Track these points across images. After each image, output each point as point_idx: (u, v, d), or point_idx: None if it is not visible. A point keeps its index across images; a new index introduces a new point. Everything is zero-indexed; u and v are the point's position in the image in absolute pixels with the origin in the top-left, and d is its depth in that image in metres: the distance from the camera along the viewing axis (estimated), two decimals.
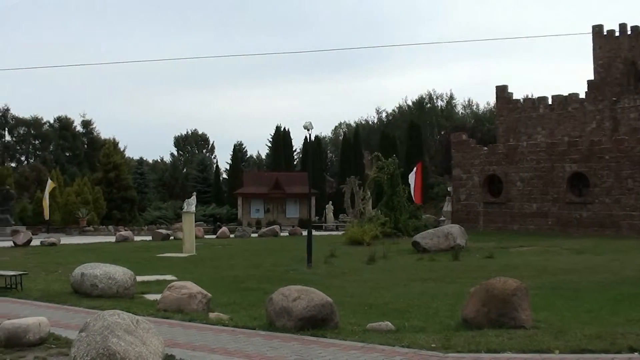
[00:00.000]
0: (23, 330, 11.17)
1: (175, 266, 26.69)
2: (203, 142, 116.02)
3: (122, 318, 9.27)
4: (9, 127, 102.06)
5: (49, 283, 21.09)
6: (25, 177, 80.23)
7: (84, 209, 61.09)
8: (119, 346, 8.72)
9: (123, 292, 17.25)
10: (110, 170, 69.68)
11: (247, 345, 11.18)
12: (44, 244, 39.83)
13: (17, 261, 29.48)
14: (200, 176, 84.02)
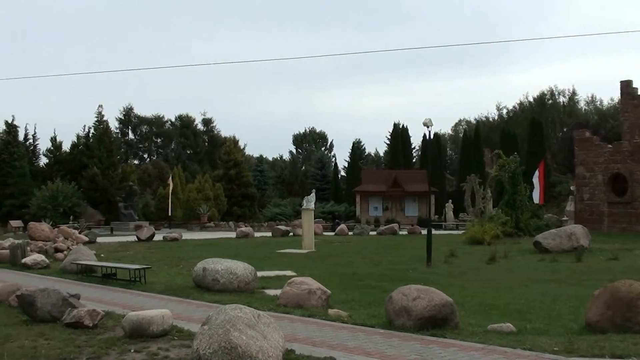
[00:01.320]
0: (147, 322, 11.43)
1: (294, 262, 26.89)
2: (321, 140, 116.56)
3: (244, 312, 9.37)
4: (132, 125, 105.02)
5: (171, 277, 21.60)
6: (148, 174, 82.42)
7: (205, 205, 62.32)
8: (240, 340, 8.82)
9: (244, 287, 17.48)
10: (230, 167, 70.88)
11: (367, 342, 11.14)
12: (166, 239, 40.80)
13: (141, 255, 30.34)
14: (319, 173, 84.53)
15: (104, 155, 67.46)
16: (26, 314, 13.51)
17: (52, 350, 10.72)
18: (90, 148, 69.14)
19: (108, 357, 10.31)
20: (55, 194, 59.72)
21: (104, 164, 66.87)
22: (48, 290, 13.49)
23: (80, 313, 12.49)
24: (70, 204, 59.99)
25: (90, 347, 10.92)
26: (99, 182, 65.38)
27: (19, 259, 25.76)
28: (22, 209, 62.52)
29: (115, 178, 66.75)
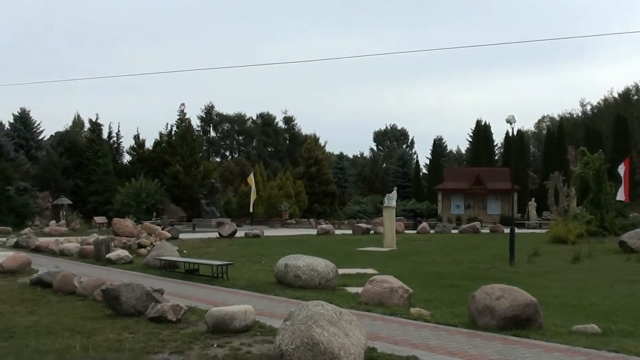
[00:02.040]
0: (230, 317, 11.50)
1: (375, 260, 26.78)
2: (402, 137, 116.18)
3: (326, 309, 9.34)
4: (213, 123, 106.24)
5: (253, 273, 21.73)
6: (230, 172, 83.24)
7: (286, 203, 62.65)
8: (322, 336, 8.78)
9: (325, 283, 17.46)
10: (311, 165, 71.13)
11: (449, 342, 11.00)
12: (248, 235, 41.10)
13: (223, 252, 30.60)
14: (400, 171, 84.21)
15: (187, 153, 68.41)
16: (111, 308, 13.74)
17: (136, 344, 10.86)
18: (173, 146, 70.20)
19: (191, 351, 10.39)
20: (138, 191, 60.82)
21: (186, 161, 67.82)
22: (132, 284, 13.68)
23: (163, 308, 12.64)
24: (153, 200, 61.00)
25: (173, 341, 11.04)
26: (181, 179, 66.34)
27: (103, 254, 26.27)
28: (106, 205, 63.87)
29: (198, 175, 67.63)
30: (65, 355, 10.24)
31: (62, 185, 67.62)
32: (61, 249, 30.34)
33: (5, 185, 59.69)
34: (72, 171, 68.69)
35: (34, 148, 73.46)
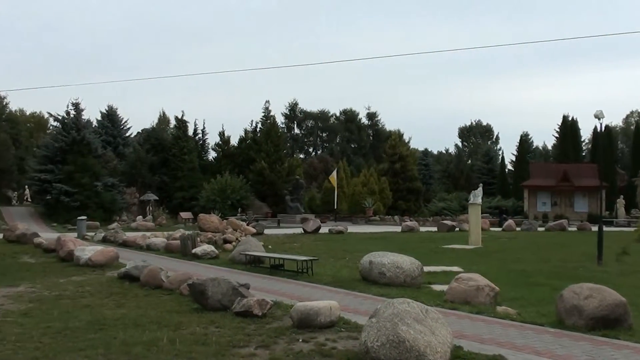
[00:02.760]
0: (315, 312, 11.52)
1: (461, 258, 26.51)
2: (487, 133, 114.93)
3: (412, 307, 9.29)
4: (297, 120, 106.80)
5: (337, 269, 21.73)
6: (314, 168, 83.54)
7: (370, 199, 62.56)
8: (408, 334, 8.74)
9: (410, 281, 17.37)
10: (395, 161, 70.84)
11: (536, 341, 10.84)
12: (331, 231, 41.16)
13: (307, 247, 30.72)
14: (485, 167, 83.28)
15: (271, 149, 68.91)
16: (197, 302, 13.90)
17: (222, 338, 10.98)
18: (258, 142, 70.80)
19: (277, 346, 10.46)
20: (223, 187, 61.52)
21: (271, 158, 68.31)
22: (218, 279, 13.82)
23: (249, 302, 12.73)
24: (239, 196, 61.62)
25: (259, 335, 11.13)
26: (266, 175, 66.85)
27: (189, 249, 26.61)
28: (191, 201, 64.79)
29: (282, 172, 68.05)
30: (152, 347, 10.43)
31: (149, 181, 68.81)
32: (148, 244, 30.88)
33: (94, 181, 60.98)
34: (158, 167, 69.81)
35: (121, 145, 74.94)
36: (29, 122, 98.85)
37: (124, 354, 10.08)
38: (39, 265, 25.01)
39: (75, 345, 10.73)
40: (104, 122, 76.61)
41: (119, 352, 10.19)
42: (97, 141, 66.47)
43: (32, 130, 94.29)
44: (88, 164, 61.84)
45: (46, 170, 62.41)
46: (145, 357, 9.91)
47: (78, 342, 11.00)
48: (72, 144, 62.50)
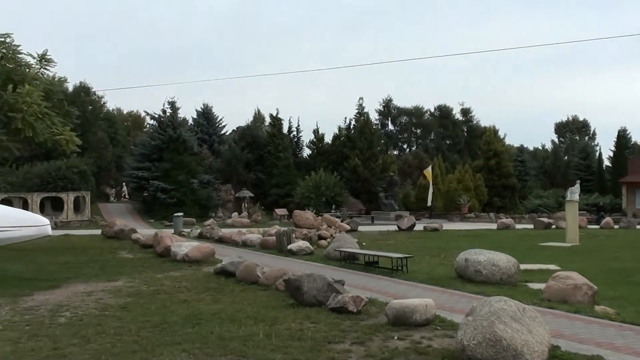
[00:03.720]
0: (410, 310, 11.48)
1: (557, 255, 25.98)
2: (584, 129, 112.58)
3: (509, 305, 9.17)
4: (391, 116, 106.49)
5: (432, 267, 21.58)
6: (408, 164, 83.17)
7: (465, 196, 61.91)
8: (505, 332, 8.64)
9: (506, 279, 17.12)
10: (490, 157, 69.91)
11: (635, 342, 10.60)
12: (426, 229, 40.88)
13: (402, 244, 30.60)
14: (582, 164, 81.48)
15: (365, 146, 68.85)
16: (292, 298, 14.00)
17: (318, 333, 11.04)
18: (352, 139, 70.85)
19: (372, 342, 10.46)
20: (318, 183, 61.77)
21: (365, 154, 68.28)
22: (314, 275, 13.88)
23: (344, 299, 12.76)
24: (333, 193, 61.78)
25: (354, 332, 11.15)
26: (360, 172, 66.86)
27: (285, 245, 26.82)
28: (286, 197, 65.27)
29: (376, 168, 67.95)
30: (248, 342, 10.54)
31: (244, 178, 69.62)
32: (244, 240, 31.23)
33: (190, 178, 62.04)
34: (253, 165, 70.56)
35: (217, 142, 75.98)
36: (126, 120, 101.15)
37: (220, 349, 10.23)
38: (136, 260, 25.60)
39: (172, 339, 10.94)
40: (200, 120, 77.86)
41: (216, 347, 10.34)
42: (193, 139, 67.57)
43: (130, 129, 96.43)
44: (184, 161, 62.98)
45: (143, 167, 63.82)
46: (242, 351, 10.03)
47: (175, 336, 11.21)
48: (168, 141, 63.74)
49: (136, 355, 9.97)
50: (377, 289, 16.42)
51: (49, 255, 27.53)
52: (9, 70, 29.61)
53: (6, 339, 11.39)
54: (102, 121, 77.39)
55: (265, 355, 9.74)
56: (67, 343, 10.96)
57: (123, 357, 9.89)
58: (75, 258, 26.53)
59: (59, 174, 56.74)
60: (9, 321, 13.11)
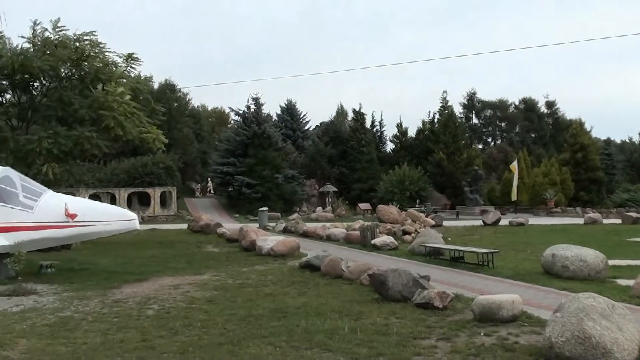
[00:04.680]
0: (497, 306, 11.37)
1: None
2: None
3: (598, 302, 9.00)
4: (475, 110, 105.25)
5: (518, 262, 21.29)
6: (493, 158, 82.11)
7: (552, 190, 60.93)
8: (594, 330, 8.50)
9: (594, 275, 16.81)
10: (577, 151, 68.63)
11: None
12: (512, 223, 40.39)
13: (487, 240, 30.30)
14: None
15: (449, 140, 68.30)
16: (377, 293, 14.01)
17: (403, 329, 11.02)
18: (436, 133, 70.36)
19: (458, 339, 10.40)
20: (402, 178, 61.53)
21: (449, 148, 67.75)
22: (399, 270, 13.86)
23: (430, 294, 12.71)
24: (417, 188, 61.46)
25: (440, 328, 11.11)
26: (444, 166, 66.37)
27: (369, 240, 26.82)
28: (370, 192, 65.19)
29: (461, 163, 67.32)
30: (334, 336, 10.60)
31: (328, 173, 69.82)
32: (328, 234, 31.34)
33: (274, 173, 62.58)
34: (337, 159, 70.67)
35: (301, 138, 76.39)
36: (211, 117, 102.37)
37: (306, 342, 10.31)
38: (222, 254, 25.96)
39: (258, 332, 11.07)
40: (284, 115, 78.38)
41: (302, 340, 10.42)
42: (277, 134, 68.06)
43: (214, 125, 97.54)
44: (269, 156, 63.55)
45: (228, 163, 64.59)
46: (327, 345, 10.09)
47: (261, 329, 11.34)
48: (252, 137, 64.39)
49: (223, 348, 10.12)
50: (463, 285, 16.32)
51: (136, 249, 28.15)
52: (96, 69, 30.34)
53: (96, 330, 11.72)
54: (187, 118, 78.54)
55: (350, 350, 9.78)
56: (155, 335, 11.21)
57: (210, 350, 10.05)
58: (162, 252, 27.07)
59: (145, 169, 57.86)
60: (98, 313, 13.48)
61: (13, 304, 14.95)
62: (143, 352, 10.08)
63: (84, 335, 11.40)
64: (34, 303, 14.99)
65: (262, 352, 9.79)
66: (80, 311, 13.76)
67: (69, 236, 20.33)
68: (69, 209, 19.19)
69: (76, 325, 12.30)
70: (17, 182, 20.21)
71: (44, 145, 27.92)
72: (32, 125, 31.36)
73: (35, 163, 29.65)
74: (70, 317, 13.15)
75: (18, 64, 28.13)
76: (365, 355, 9.51)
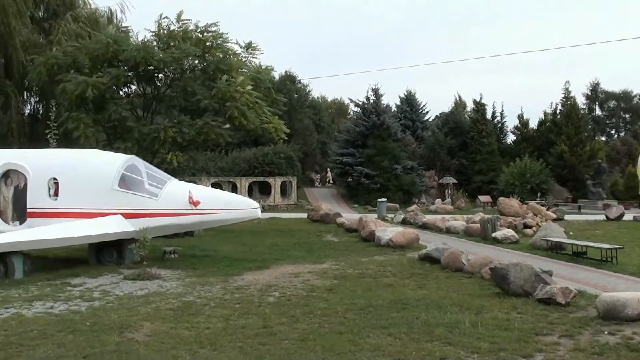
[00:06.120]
0: (621, 304, 11.08)
1: None
2: None
3: None
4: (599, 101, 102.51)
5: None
6: (616, 151, 79.81)
7: None
8: None
9: None
10: None
11: None
12: (636, 219, 39.14)
13: (610, 235, 29.46)
14: None
15: (572, 132, 66.70)
16: (498, 287, 13.83)
17: (525, 324, 10.88)
18: (558, 125, 68.81)
19: (581, 336, 10.19)
20: (522, 170, 60.47)
21: (571, 140, 66.17)
22: (521, 264, 13.65)
23: (552, 290, 12.48)
24: (538, 180, 60.31)
25: (562, 324, 10.91)
26: (566, 159, 64.87)
27: (489, 233, 26.47)
28: (490, 184, 64.33)
29: (583, 155, 65.66)
30: (454, 329, 10.56)
31: (447, 164, 69.25)
32: (447, 227, 31.07)
33: (393, 164, 62.50)
34: (456, 151, 70.01)
35: (420, 129, 75.92)
36: (331, 107, 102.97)
37: (426, 334, 10.30)
38: (341, 244, 26.11)
39: (378, 323, 11.11)
40: (403, 106, 78.01)
41: (422, 332, 10.41)
42: (396, 125, 67.95)
43: (334, 116, 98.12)
44: (388, 147, 63.49)
45: (347, 153, 64.88)
46: (448, 338, 10.05)
47: (381, 320, 11.38)
48: (372, 128, 64.46)
49: (343, 337, 10.21)
50: (586, 281, 15.97)
51: (257, 237, 28.62)
52: (218, 60, 30.97)
53: (218, 316, 12.00)
54: (307, 109, 79.13)
55: (471, 344, 9.71)
56: (276, 322, 11.41)
57: (330, 338, 10.15)
58: (282, 240, 27.43)
59: (266, 159, 58.59)
60: (221, 299, 13.79)
61: (138, 287, 15.50)
62: (264, 338, 10.28)
63: (207, 320, 11.70)
64: (158, 287, 15.49)
65: (382, 343, 9.83)
66: (203, 296, 14.13)
67: (193, 223, 20.85)
68: (192, 197, 19.65)
69: (199, 310, 12.64)
70: (143, 170, 20.90)
71: (169, 134, 28.73)
72: (156, 116, 32.33)
73: (160, 152, 30.48)
74: (193, 302, 13.52)
75: (140, 57, 29.03)
76: (487, 350, 9.43)
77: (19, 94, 35.86)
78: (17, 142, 32.63)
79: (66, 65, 30.08)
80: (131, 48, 29.50)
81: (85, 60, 29.99)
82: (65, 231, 18.82)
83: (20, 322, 11.71)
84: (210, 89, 29.81)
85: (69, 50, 30.32)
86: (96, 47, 29.87)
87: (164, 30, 31.42)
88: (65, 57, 30.06)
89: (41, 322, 11.68)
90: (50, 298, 14.10)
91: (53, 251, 21.58)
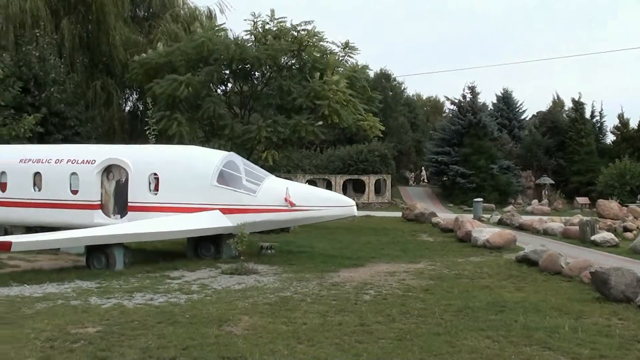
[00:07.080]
0: None
1: None
2: None
3: None
4: None
5: None
6: None
7: None
8: None
9: None
10: None
11: None
12: None
13: None
14: None
15: None
16: (598, 292, 13.55)
17: (626, 331, 10.66)
18: None
19: None
20: (622, 172, 59.08)
21: None
22: (622, 269, 13.36)
23: None
24: (638, 182, 58.85)
25: None
26: None
27: (588, 235, 25.94)
28: (588, 186, 63.07)
29: None
30: (554, 334, 10.40)
31: (545, 164, 68.24)
32: (544, 228, 30.57)
33: (489, 163, 61.91)
34: (554, 151, 68.94)
35: (517, 127, 74.92)
36: (426, 105, 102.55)
37: (524, 338, 10.18)
38: (437, 244, 25.98)
39: (475, 325, 11.03)
40: (500, 105, 77.08)
41: (520, 336, 10.30)
42: (492, 124, 67.30)
43: (429, 114, 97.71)
44: (484, 146, 62.95)
45: (443, 152, 64.62)
46: (547, 343, 9.91)
47: (478, 322, 11.29)
48: (468, 126, 64.04)
49: (440, 338, 10.17)
50: None
51: (351, 235, 28.74)
52: (314, 59, 31.19)
53: (315, 312, 12.10)
54: (402, 106, 78.95)
55: (571, 349, 9.54)
56: (372, 320, 11.44)
57: (427, 339, 10.12)
58: (377, 238, 27.47)
59: (360, 157, 58.70)
60: (317, 295, 13.91)
61: (235, 282, 15.76)
62: (361, 336, 10.31)
63: (304, 315, 11.81)
64: (255, 282, 15.71)
65: (480, 345, 9.75)
66: (300, 292, 14.27)
67: (289, 220, 21.08)
68: (289, 195, 19.81)
69: (296, 305, 12.76)
70: (241, 166, 21.21)
71: (263, 134, 29.07)
72: (253, 113, 32.73)
73: (256, 149, 30.87)
74: (289, 297, 13.67)
75: (236, 55, 29.44)
76: (587, 357, 9.27)
77: (120, 91, 36.89)
78: (119, 138, 33.53)
79: (161, 66, 30.71)
80: (225, 44, 29.97)
81: (181, 61, 30.50)
82: (164, 225, 19.26)
83: (122, 312, 12.03)
84: (305, 87, 30.03)
85: (164, 52, 30.96)
86: (191, 46, 30.40)
87: (259, 28, 31.78)
88: (159, 58, 30.70)
89: (141, 313, 11.97)
90: (150, 290, 14.44)
91: (152, 244, 22.11)
